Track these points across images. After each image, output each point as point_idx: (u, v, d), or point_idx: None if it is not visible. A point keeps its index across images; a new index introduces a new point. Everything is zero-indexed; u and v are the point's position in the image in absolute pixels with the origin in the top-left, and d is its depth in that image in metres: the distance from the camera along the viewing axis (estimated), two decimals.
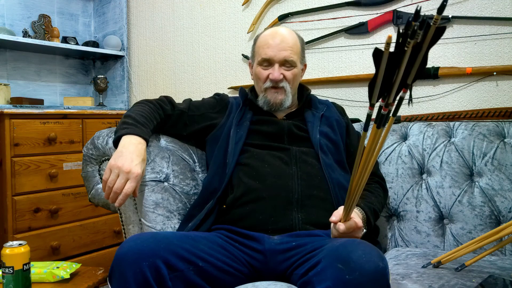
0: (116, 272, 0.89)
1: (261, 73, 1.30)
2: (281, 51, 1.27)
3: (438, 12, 0.65)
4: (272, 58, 1.27)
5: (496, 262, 1.12)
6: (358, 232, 1.01)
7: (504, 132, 1.35)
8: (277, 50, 1.27)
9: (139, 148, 1.13)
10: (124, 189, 1.06)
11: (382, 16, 1.71)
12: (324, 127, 1.32)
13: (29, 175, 1.88)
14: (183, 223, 1.21)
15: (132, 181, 1.07)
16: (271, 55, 1.27)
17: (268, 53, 1.28)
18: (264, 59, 1.29)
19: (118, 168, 1.07)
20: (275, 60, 1.28)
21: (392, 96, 0.75)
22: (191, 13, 2.33)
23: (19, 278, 1.17)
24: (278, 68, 1.27)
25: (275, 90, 1.29)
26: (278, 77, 1.27)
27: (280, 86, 1.28)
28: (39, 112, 1.93)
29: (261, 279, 1.04)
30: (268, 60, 1.28)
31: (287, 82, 1.29)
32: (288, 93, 1.30)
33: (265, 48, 1.29)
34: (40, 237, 1.90)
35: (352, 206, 0.94)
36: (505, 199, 1.26)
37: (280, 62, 1.28)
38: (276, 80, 1.27)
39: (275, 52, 1.27)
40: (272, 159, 1.22)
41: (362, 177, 0.86)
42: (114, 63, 2.61)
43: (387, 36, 0.66)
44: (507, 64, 1.48)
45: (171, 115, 1.35)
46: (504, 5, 1.49)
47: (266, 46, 1.29)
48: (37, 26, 2.36)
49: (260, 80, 1.31)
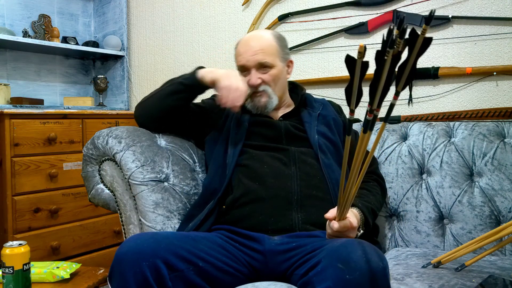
0: (116, 272, 0.89)
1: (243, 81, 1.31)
2: (252, 56, 1.28)
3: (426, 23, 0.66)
4: (245, 65, 1.29)
5: (496, 262, 1.12)
6: (352, 232, 1.01)
7: (504, 132, 1.35)
8: (249, 55, 1.28)
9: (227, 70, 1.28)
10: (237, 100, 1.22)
11: (382, 16, 1.71)
12: (322, 126, 1.32)
13: (29, 175, 1.88)
14: (183, 223, 1.21)
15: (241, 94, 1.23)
16: (244, 63, 1.29)
17: (241, 61, 1.30)
18: (241, 66, 1.31)
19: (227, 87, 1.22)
20: (249, 66, 1.29)
21: (376, 102, 0.75)
22: (191, 13, 2.33)
23: (19, 278, 1.17)
24: (254, 73, 1.29)
25: (256, 94, 1.31)
26: (254, 82, 1.28)
27: (261, 90, 1.30)
28: (39, 112, 1.93)
29: (261, 280, 1.04)
30: (244, 67, 1.30)
31: (267, 85, 1.30)
32: (271, 95, 1.31)
33: (238, 56, 1.32)
34: (40, 237, 1.90)
35: (346, 206, 0.94)
36: (505, 199, 1.26)
37: (255, 66, 1.29)
38: (254, 85, 1.28)
39: (247, 57, 1.29)
40: (271, 160, 1.22)
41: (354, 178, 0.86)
42: (114, 63, 2.61)
43: (359, 45, 0.66)
44: (507, 64, 1.48)
45: None
46: (504, 5, 1.49)
47: (238, 54, 1.32)
48: (37, 26, 2.36)
49: None
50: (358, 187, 0.88)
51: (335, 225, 0.97)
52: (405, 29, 0.67)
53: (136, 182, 1.21)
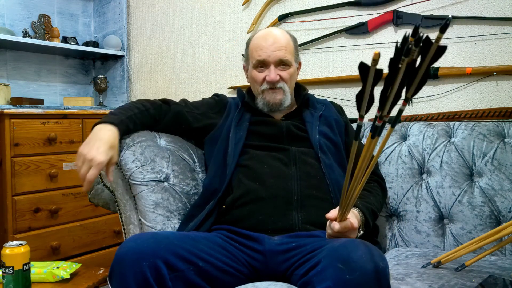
0: (116, 272, 0.89)
1: (257, 76, 1.30)
2: (275, 52, 1.27)
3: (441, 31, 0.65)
4: (266, 59, 1.27)
5: (496, 262, 1.12)
6: (353, 233, 1.01)
7: (504, 132, 1.35)
8: (271, 51, 1.27)
9: (107, 135, 1.14)
10: (87, 176, 1.07)
11: (382, 16, 1.71)
12: (323, 127, 1.31)
13: (29, 175, 1.88)
14: (183, 223, 1.21)
15: (94, 168, 1.07)
16: (265, 57, 1.27)
17: (262, 55, 1.28)
18: (259, 61, 1.28)
19: (83, 155, 1.09)
20: (270, 62, 1.28)
21: (386, 110, 0.75)
22: (191, 13, 2.33)
23: (19, 278, 1.17)
24: (274, 69, 1.27)
25: (272, 91, 1.29)
26: (274, 78, 1.27)
27: (278, 87, 1.29)
28: (39, 112, 1.93)
29: (261, 280, 1.04)
30: (263, 62, 1.28)
31: (284, 82, 1.29)
32: (287, 93, 1.30)
33: (258, 50, 1.29)
34: (40, 237, 1.90)
35: (348, 207, 0.94)
36: (505, 199, 1.26)
37: (275, 63, 1.28)
38: (273, 81, 1.27)
39: (269, 53, 1.27)
40: (271, 160, 1.22)
41: (357, 181, 0.86)
42: (114, 63, 2.61)
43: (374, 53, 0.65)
44: (507, 64, 1.48)
45: (167, 109, 1.34)
46: (504, 5, 1.49)
47: (259, 48, 1.28)
48: (37, 26, 2.36)
49: (257, 82, 1.31)
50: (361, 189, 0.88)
51: (336, 225, 0.97)
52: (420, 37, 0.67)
53: (136, 182, 1.21)
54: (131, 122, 1.24)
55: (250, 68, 1.33)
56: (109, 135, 1.14)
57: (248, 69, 1.36)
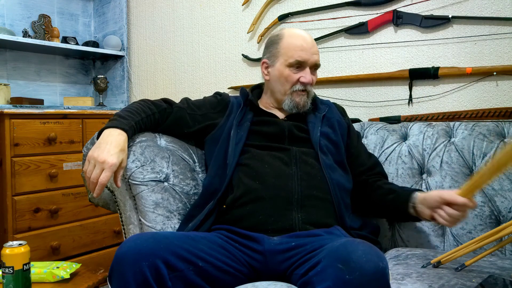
0: (116, 272, 0.89)
1: (291, 76, 1.29)
2: (313, 55, 1.29)
3: None
4: (306, 61, 1.28)
5: (496, 262, 1.12)
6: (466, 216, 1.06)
7: (504, 132, 1.34)
8: (311, 53, 1.28)
9: (117, 139, 1.14)
10: (99, 179, 1.07)
11: (382, 16, 1.71)
12: (325, 127, 1.31)
13: (29, 175, 1.88)
14: (183, 223, 1.21)
15: (107, 171, 1.07)
16: (305, 58, 1.27)
17: (303, 56, 1.27)
18: (298, 61, 1.27)
19: (94, 158, 1.09)
20: (308, 64, 1.28)
21: None
22: (191, 13, 2.33)
23: (19, 278, 1.17)
24: (309, 71, 1.29)
25: (303, 93, 1.30)
26: (310, 80, 1.29)
27: (308, 89, 1.30)
28: (39, 112, 1.93)
29: (261, 279, 1.04)
30: (301, 63, 1.28)
31: (311, 86, 1.32)
32: (311, 96, 1.32)
33: (298, 50, 1.27)
34: (40, 237, 1.90)
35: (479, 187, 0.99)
36: (505, 199, 1.26)
37: (311, 65, 1.29)
38: (309, 83, 1.29)
39: (309, 55, 1.28)
40: (272, 159, 1.22)
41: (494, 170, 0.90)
42: (114, 63, 2.61)
43: None
44: (507, 64, 1.48)
45: (170, 112, 1.34)
46: (504, 5, 1.49)
47: (299, 48, 1.27)
48: (37, 26, 2.36)
49: (288, 82, 1.29)
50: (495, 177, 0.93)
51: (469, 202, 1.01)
52: None
53: (136, 182, 1.21)
54: (138, 126, 1.26)
55: (282, 66, 1.30)
56: (119, 139, 1.14)
57: (274, 66, 1.32)
